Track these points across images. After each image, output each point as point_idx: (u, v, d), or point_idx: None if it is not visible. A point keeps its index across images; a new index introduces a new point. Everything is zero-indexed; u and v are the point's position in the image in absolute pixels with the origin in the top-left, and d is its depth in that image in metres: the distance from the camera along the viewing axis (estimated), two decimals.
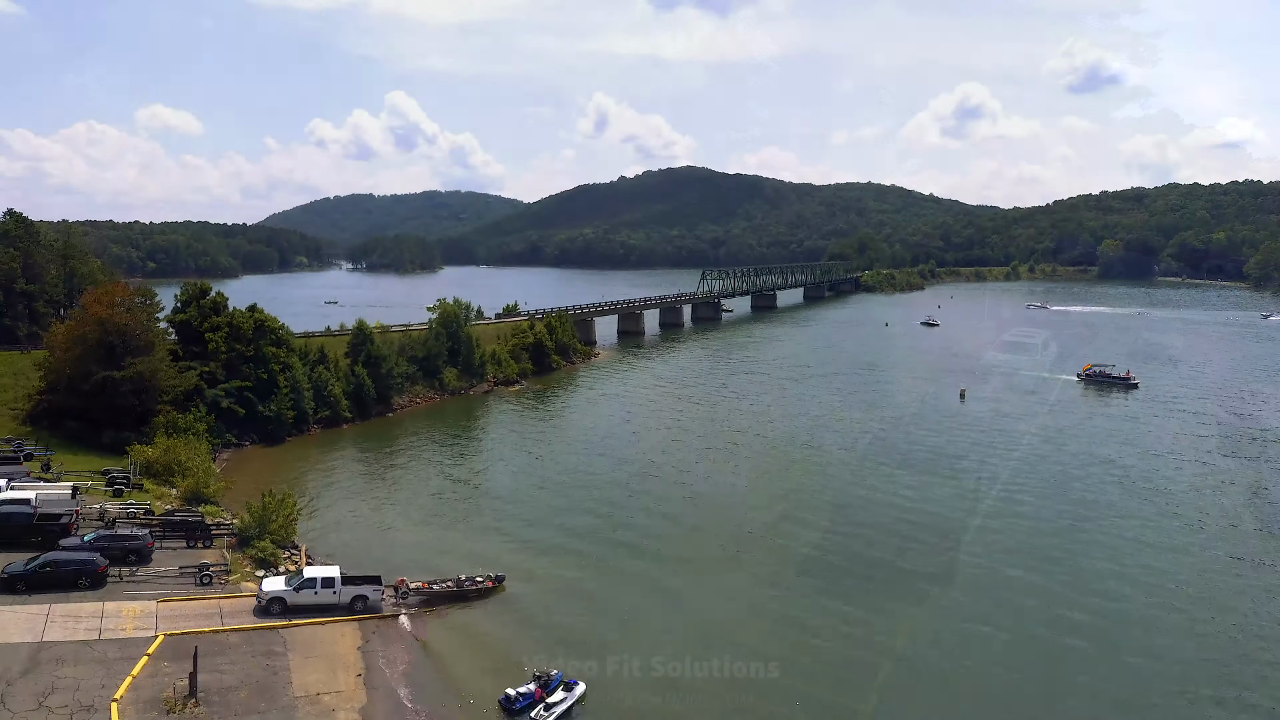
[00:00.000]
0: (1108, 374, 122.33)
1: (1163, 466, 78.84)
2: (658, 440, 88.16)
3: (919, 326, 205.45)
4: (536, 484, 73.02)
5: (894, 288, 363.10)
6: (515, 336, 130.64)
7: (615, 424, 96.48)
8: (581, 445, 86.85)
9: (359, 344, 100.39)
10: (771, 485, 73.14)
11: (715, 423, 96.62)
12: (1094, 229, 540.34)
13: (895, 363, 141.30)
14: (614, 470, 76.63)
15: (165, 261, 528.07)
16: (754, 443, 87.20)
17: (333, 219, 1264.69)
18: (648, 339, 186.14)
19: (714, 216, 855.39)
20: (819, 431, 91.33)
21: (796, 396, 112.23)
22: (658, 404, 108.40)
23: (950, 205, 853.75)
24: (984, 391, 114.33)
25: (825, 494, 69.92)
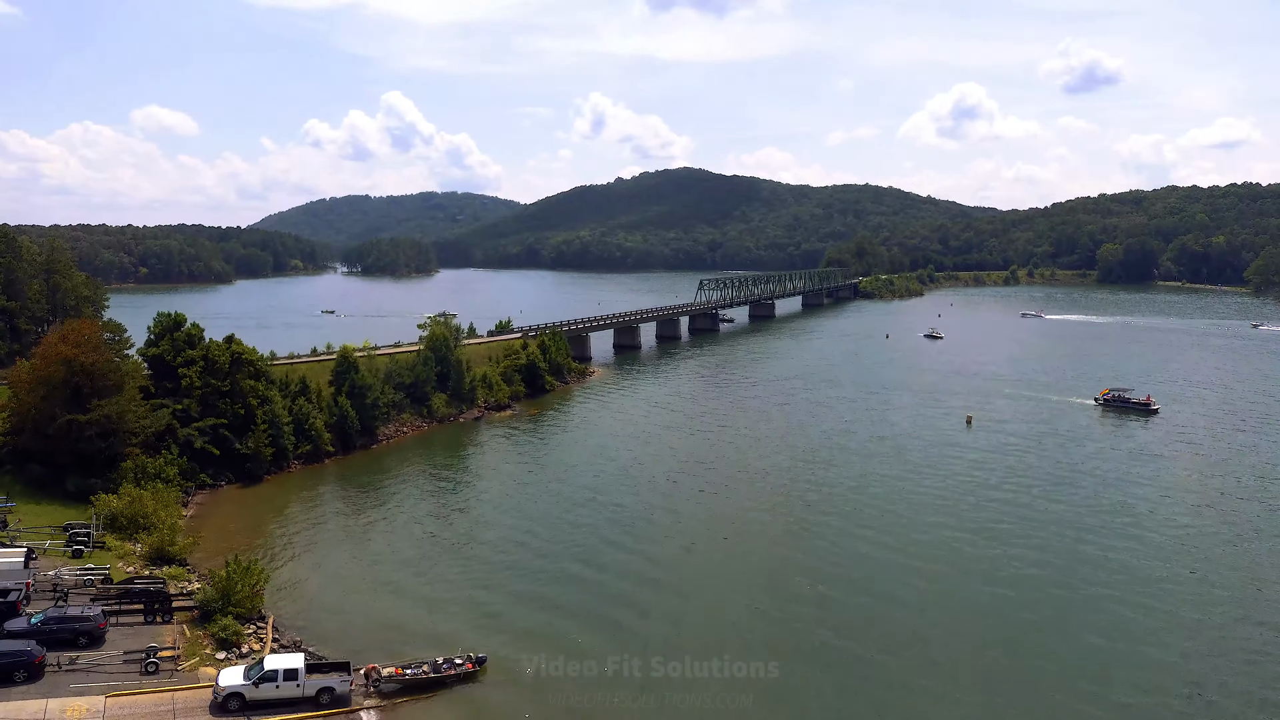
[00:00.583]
0: (1127, 399, 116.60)
1: (1182, 513, 74.06)
2: (651, 479, 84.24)
3: (922, 340, 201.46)
4: (524, 533, 69.02)
5: (892, 294, 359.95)
6: (507, 357, 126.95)
7: (607, 457, 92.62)
8: (572, 485, 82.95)
9: (343, 372, 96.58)
10: (767, 546, 66.97)
11: (711, 458, 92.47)
12: (1093, 232, 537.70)
13: (898, 382, 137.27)
14: (606, 519, 72.50)
15: (158, 267, 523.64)
16: (752, 483, 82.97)
17: (329, 220, 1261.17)
18: (644, 353, 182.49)
19: (711, 218, 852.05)
20: (820, 470, 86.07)
21: (796, 425, 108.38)
22: (652, 433, 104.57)
23: (948, 207, 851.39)
24: (992, 417, 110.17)
25: (826, 558, 63.67)
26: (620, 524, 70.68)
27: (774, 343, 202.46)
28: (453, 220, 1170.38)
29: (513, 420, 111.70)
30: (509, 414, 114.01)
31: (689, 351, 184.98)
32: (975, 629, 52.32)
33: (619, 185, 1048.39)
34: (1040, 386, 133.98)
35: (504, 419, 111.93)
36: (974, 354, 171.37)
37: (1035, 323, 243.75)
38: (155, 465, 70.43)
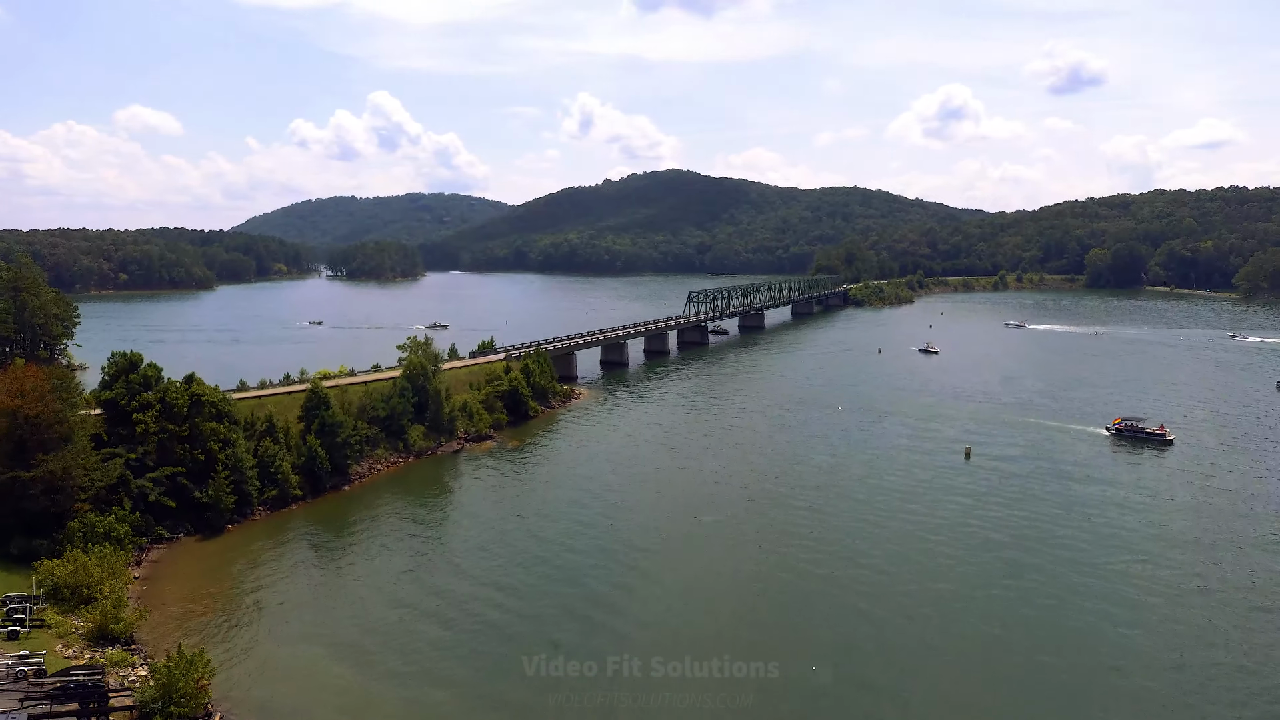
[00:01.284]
0: (1140, 429, 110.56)
1: (1198, 562, 70.24)
2: (637, 528, 79.94)
3: (916, 355, 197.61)
4: (499, 594, 64.67)
5: (882, 301, 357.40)
6: (489, 383, 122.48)
7: (590, 498, 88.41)
8: (553, 529, 78.71)
9: (313, 408, 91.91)
10: (757, 620, 61.48)
11: (697, 500, 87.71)
12: (1080, 237, 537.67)
13: (892, 407, 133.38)
14: (588, 573, 68.53)
15: (138, 273, 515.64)
16: (740, 536, 78.32)
17: (314, 221, 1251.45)
18: (632, 370, 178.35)
19: (699, 221, 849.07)
20: (812, 523, 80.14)
21: (788, 455, 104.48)
22: (637, 468, 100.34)
23: (935, 209, 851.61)
24: (994, 453, 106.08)
25: (819, 626, 60.23)
26: (598, 592, 65.20)
27: (763, 359, 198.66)
28: (439, 222, 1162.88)
29: (494, 452, 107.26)
30: (490, 445, 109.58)
31: (677, 369, 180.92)
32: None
33: (607, 187, 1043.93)
34: (1044, 412, 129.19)
35: (485, 450, 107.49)
36: (970, 372, 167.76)
37: (1027, 336, 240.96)
38: (105, 524, 65.75)
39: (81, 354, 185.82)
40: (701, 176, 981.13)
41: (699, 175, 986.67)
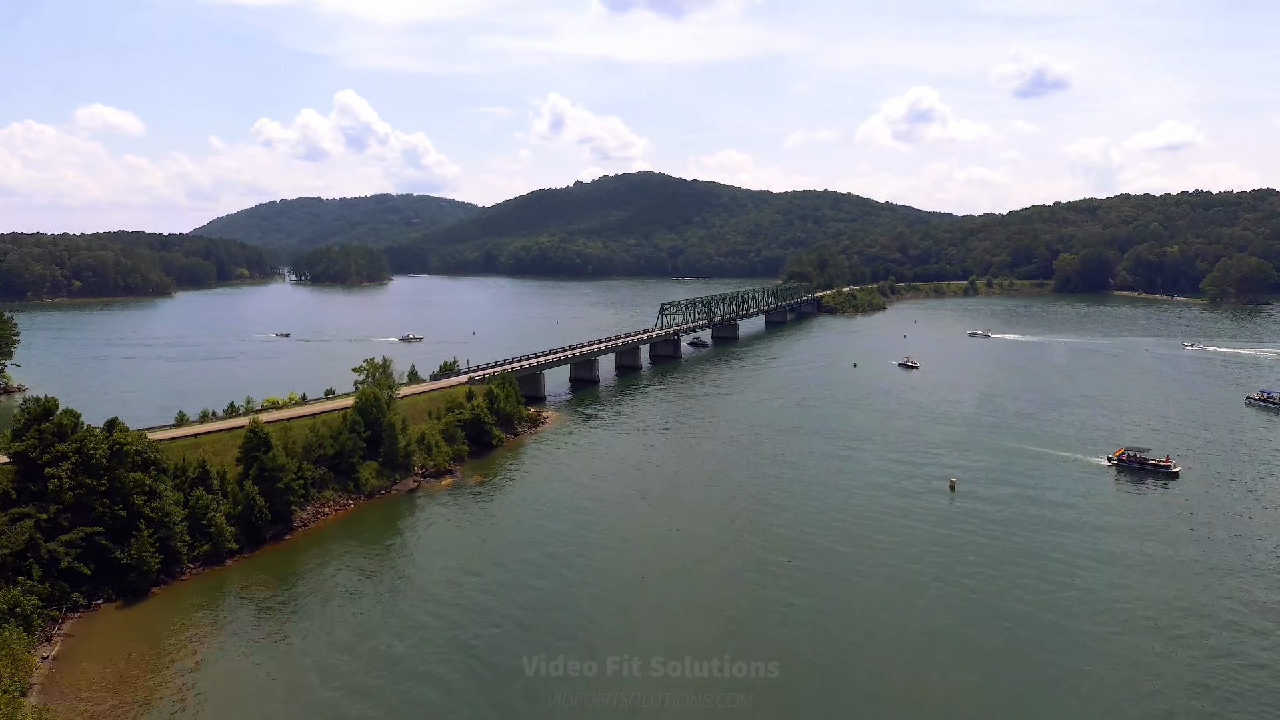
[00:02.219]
0: (1144, 460, 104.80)
1: (1218, 633, 63.23)
2: (605, 578, 74.21)
3: (894, 369, 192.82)
4: (444, 690, 58.21)
5: (855, 309, 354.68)
6: (450, 412, 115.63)
7: (555, 543, 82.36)
8: (513, 587, 72.45)
9: (253, 449, 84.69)
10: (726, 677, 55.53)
11: (665, 546, 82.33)
12: (1049, 242, 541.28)
13: (871, 431, 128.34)
14: (544, 642, 62.43)
15: (93, 280, 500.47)
16: (709, 583, 73.28)
17: (279, 223, 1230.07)
18: (603, 388, 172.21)
19: (671, 224, 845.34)
20: (787, 581, 73.71)
21: (763, 494, 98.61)
22: (603, 507, 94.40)
23: (905, 213, 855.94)
24: (981, 478, 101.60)
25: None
26: (548, 682, 57.36)
27: (737, 374, 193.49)
28: (408, 224, 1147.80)
29: (454, 490, 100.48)
30: (450, 481, 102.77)
31: (649, 387, 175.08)
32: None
33: (578, 189, 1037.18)
34: (1030, 436, 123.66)
35: (444, 488, 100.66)
36: (949, 390, 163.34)
37: (1002, 348, 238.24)
38: (8, 598, 58.36)
39: (21, 374, 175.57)
40: (673, 179, 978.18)
41: (670, 178, 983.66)
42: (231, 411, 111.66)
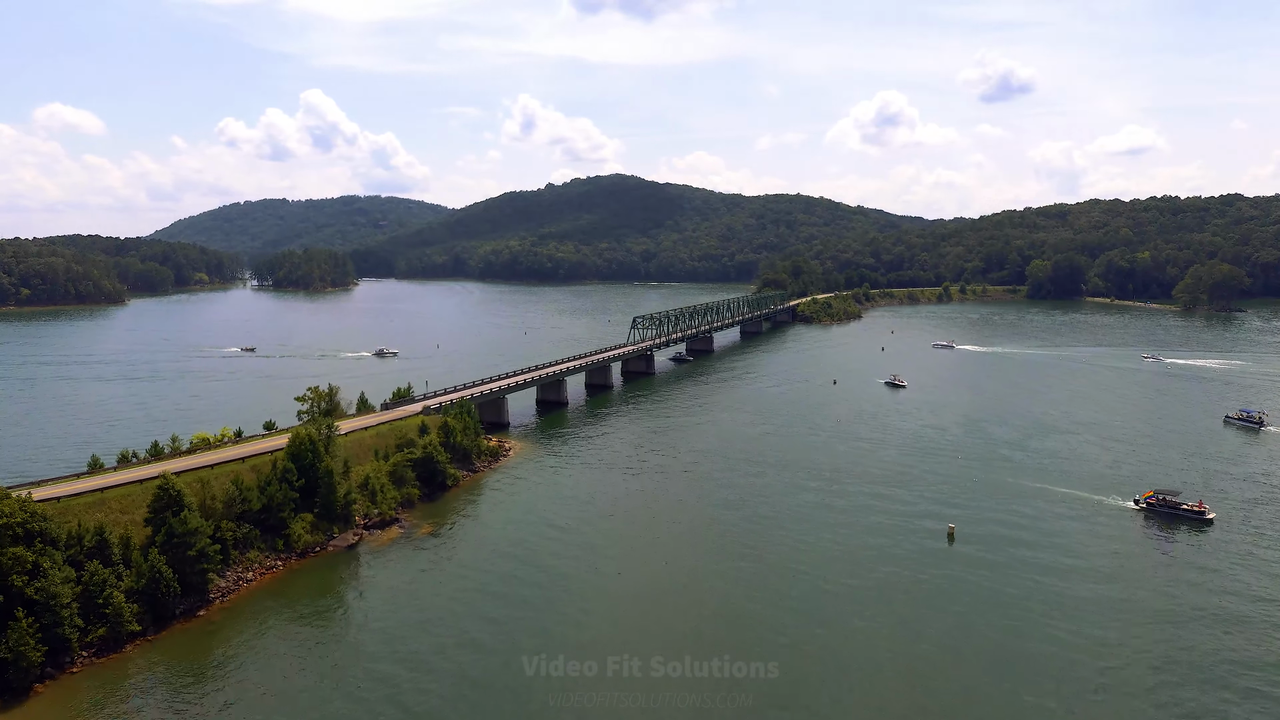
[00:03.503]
0: (1175, 504, 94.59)
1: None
2: (556, 663, 64.49)
3: (879, 387, 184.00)
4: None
5: (831, 318, 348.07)
6: (400, 450, 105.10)
7: (512, 609, 72.62)
8: (453, 679, 62.57)
9: (161, 509, 73.84)
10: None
11: (633, 613, 73.20)
12: (1021, 248, 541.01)
13: (856, 465, 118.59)
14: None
15: (42, 288, 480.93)
16: (680, 650, 64.00)
17: (242, 226, 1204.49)
18: (572, 411, 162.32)
19: (643, 227, 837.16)
20: (771, 648, 66.25)
21: (739, 547, 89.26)
22: (563, 556, 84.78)
23: (877, 217, 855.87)
24: (983, 524, 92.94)
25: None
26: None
27: (713, 394, 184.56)
28: (375, 226, 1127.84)
29: (399, 543, 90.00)
30: (396, 533, 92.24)
31: (620, 411, 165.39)
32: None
33: (549, 192, 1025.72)
34: (1034, 471, 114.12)
35: (388, 541, 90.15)
36: (935, 413, 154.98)
37: (984, 364, 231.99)
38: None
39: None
40: (645, 182, 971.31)
41: (643, 180, 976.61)
42: (155, 453, 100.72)
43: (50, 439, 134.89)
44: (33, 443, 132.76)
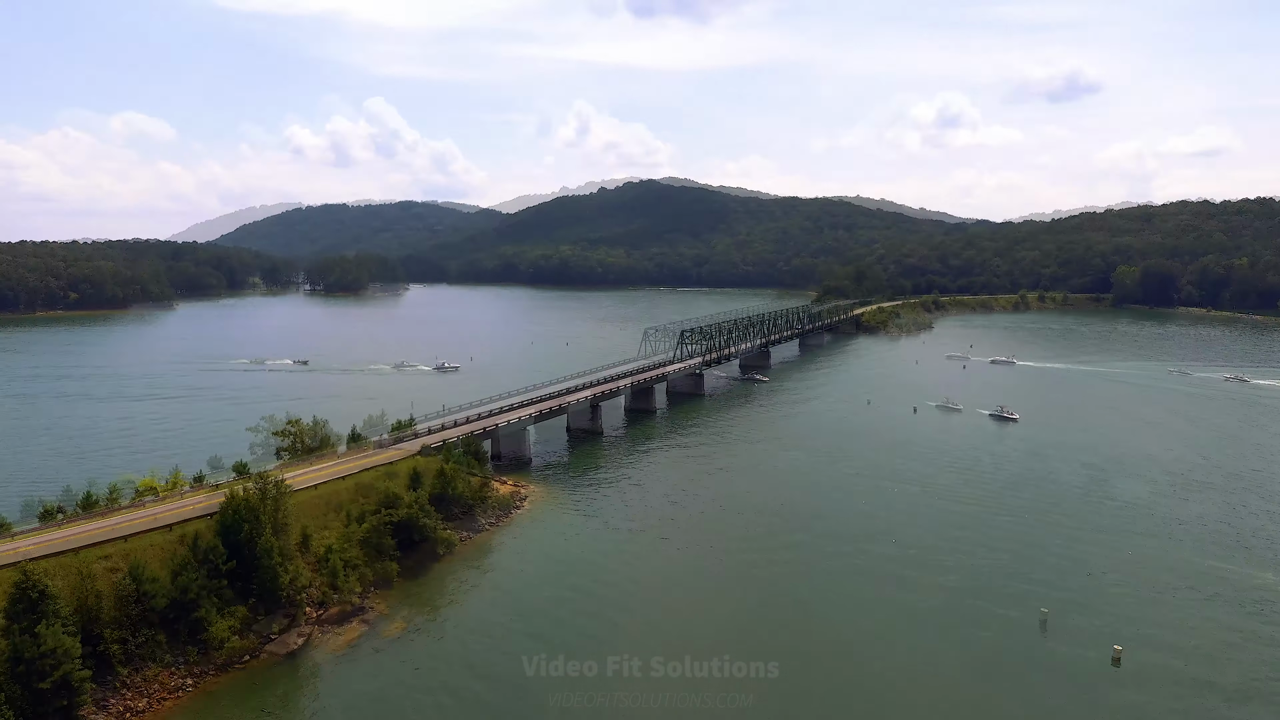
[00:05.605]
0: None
1: None
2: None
3: (985, 420, 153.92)
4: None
5: (899, 328, 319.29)
6: (378, 512, 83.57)
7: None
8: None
9: (18, 614, 53.42)
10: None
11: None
12: (1105, 252, 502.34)
13: (954, 554, 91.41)
14: None
15: (90, 292, 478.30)
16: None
17: (304, 230, 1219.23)
18: (607, 442, 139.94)
19: (696, 231, 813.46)
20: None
21: (806, 652, 66.16)
22: (576, 684, 62.05)
23: (940, 219, 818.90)
24: (1181, 651, 67.63)
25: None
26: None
27: (770, 420, 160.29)
28: (431, 231, 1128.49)
29: (360, 646, 68.15)
30: (358, 630, 70.38)
31: (664, 441, 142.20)
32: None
33: (601, 196, 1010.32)
34: (1241, 552, 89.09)
35: (346, 644, 68.27)
36: (1064, 457, 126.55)
37: (1090, 387, 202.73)
38: None
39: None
40: (697, 185, 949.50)
41: (695, 184, 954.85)
42: (87, 504, 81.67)
43: (14, 472, 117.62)
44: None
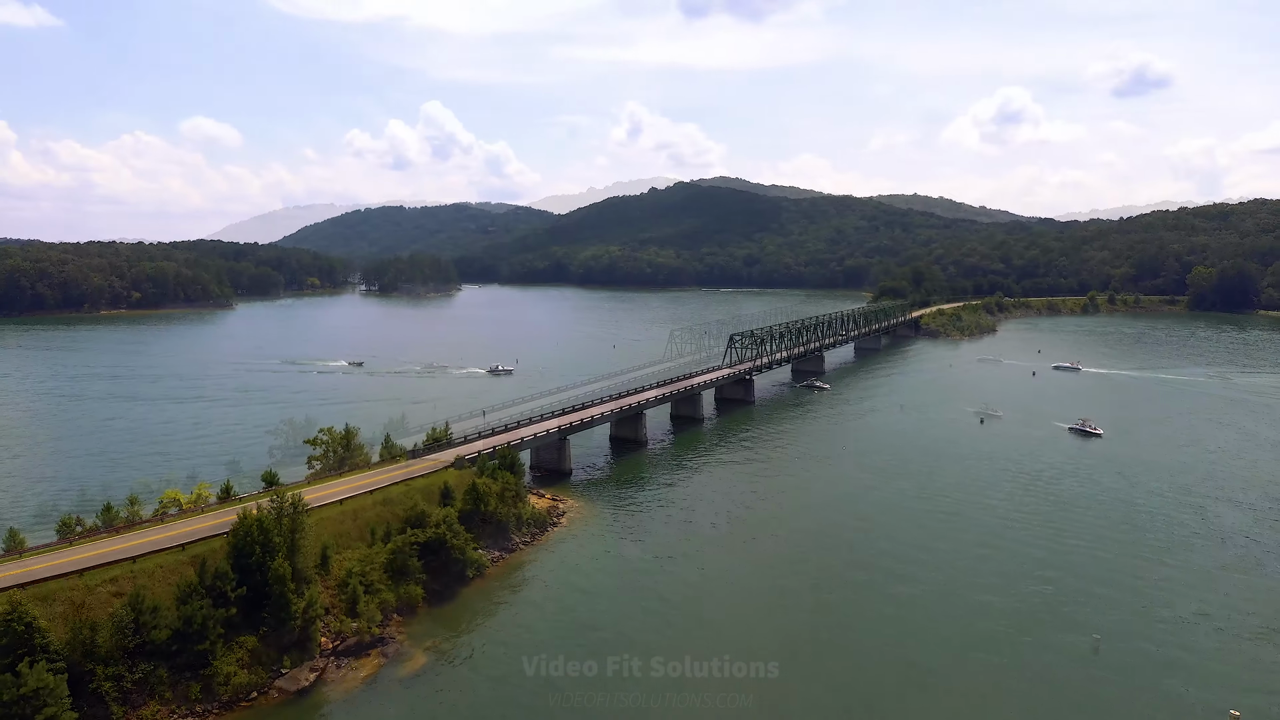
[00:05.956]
0: None
1: None
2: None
3: (1063, 434, 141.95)
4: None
5: (960, 331, 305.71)
6: (405, 530, 78.43)
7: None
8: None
9: (3, 652, 49.07)
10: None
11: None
12: (1179, 252, 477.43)
13: (1048, 601, 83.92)
14: None
15: (152, 292, 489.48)
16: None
17: (362, 231, 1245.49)
18: (650, 454, 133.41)
19: (747, 231, 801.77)
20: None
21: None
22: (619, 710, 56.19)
23: (1002, 218, 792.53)
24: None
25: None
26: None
27: (824, 430, 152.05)
28: (484, 232, 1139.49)
29: (378, 683, 62.72)
30: (376, 664, 64.96)
31: (710, 453, 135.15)
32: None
33: (652, 196, 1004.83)
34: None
35: (363, 680, 62.89)
36: (1160, 479, 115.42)
37: (1176, 397, 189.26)
38: None
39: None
40: (749, 185, 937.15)
41: (747, 183, 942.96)
42: (108, 519, 78.50)
43: (57, 478, 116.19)
44: (23, 483, 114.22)
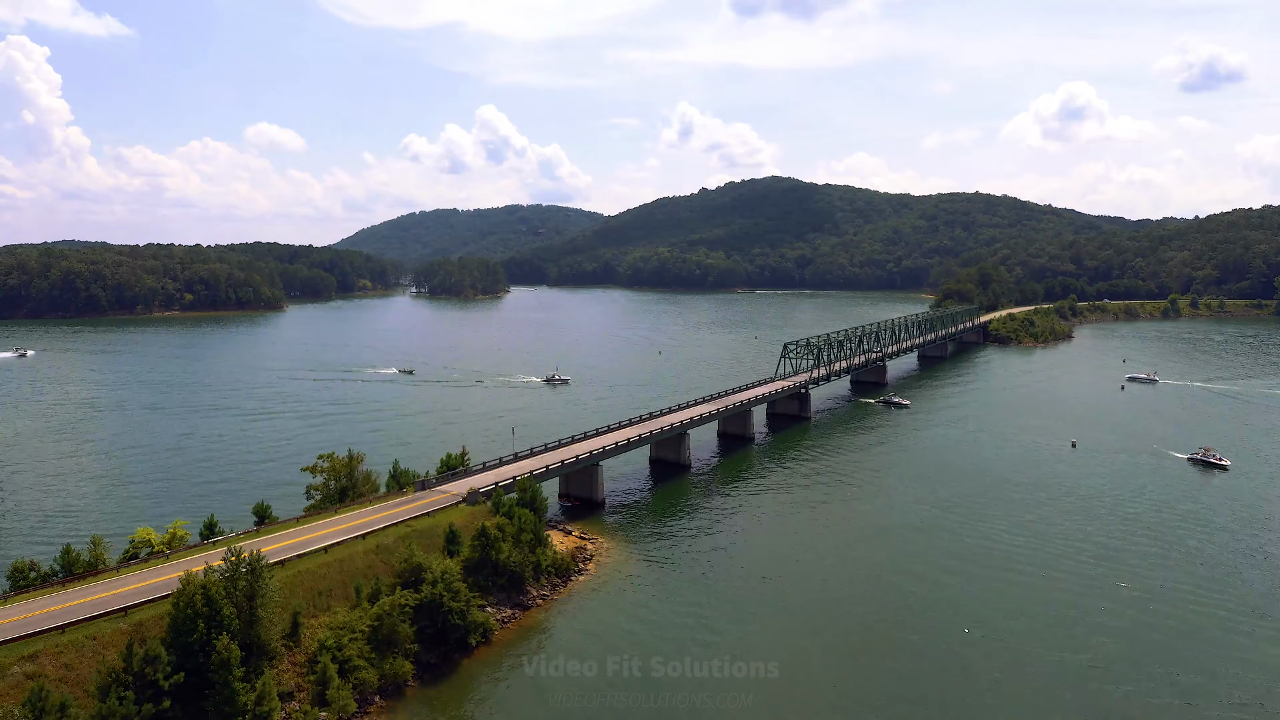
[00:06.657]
0: None
1: None
2: None
3: (1184, 467, 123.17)
4: None
5: (1033, 338, 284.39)
6: (398, 585, 66.29)
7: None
8: None
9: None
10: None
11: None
12: (1266, 253, 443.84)
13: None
14: None
15: (204, 293, 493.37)
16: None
17: (417, 234, 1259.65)
18: (695, 479, 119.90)
19: (799, 231, 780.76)
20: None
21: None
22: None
23: (1070, 217, 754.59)
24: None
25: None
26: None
27: (887, 453, 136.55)
28: (534, 234, 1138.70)
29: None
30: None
31: (759, 478, 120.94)
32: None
33: (702, 196, 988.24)
34: None
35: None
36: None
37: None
38: None
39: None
40: (801, 184, 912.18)
41: (799, 182, 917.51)
42: (65, 562, 68.55)
43: (54, 501, 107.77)
44: (17, 507, 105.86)
